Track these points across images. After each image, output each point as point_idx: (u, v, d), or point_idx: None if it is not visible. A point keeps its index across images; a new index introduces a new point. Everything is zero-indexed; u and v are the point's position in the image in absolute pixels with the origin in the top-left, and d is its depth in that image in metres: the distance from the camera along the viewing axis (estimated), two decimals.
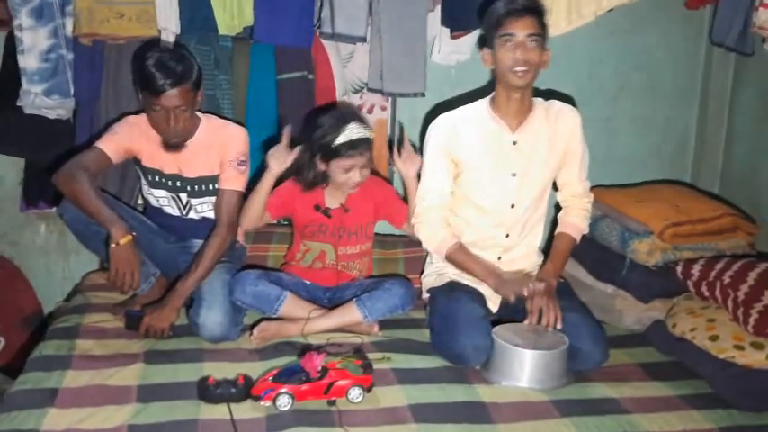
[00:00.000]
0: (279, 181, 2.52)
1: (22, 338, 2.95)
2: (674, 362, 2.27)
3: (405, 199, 2.60)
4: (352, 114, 2.50)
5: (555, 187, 2.48)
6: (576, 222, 2.45)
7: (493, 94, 2.35)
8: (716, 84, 3.21)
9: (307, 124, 2.61)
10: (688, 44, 3.25)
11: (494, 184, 2.35)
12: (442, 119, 2.39)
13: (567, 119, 2.38)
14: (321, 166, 2.45)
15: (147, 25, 2.67)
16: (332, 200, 2.54)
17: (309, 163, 2.46)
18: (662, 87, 3.29)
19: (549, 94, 2.42)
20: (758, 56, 2.71)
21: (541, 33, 2.21)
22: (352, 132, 2.39)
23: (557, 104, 2.39)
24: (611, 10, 2.81)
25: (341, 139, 2.38)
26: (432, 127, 2.40)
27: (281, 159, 2.44)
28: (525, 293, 2.23)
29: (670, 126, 3.34)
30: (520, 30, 2.18)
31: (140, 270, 2.32)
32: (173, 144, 2.41)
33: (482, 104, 2.37)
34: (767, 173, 2.90)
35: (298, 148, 2.44)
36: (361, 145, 2.41)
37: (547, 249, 2.48)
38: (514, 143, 2.32)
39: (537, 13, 2.21)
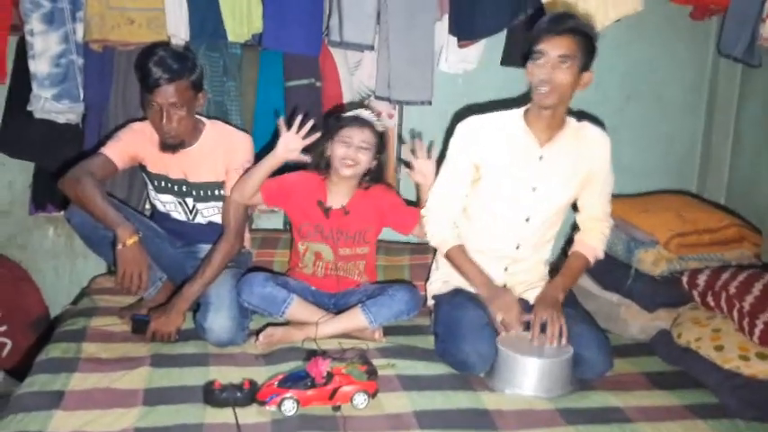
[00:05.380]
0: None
1: (29, 341, 2.96)
2: (679, 371, 2.27)
3: (413, 203, 2.60)
4: (372, 109, 2.56)
5: (574, 207, 2.47)
6: (594, 245, 2.42)
7: (528, 105, 2.33)
8: (722, 95, 3.21)
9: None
10: (694, 55, 3.26)
11: (512, 196, 2.34)
12: (473, 120, 2.37)
13: (596, 143, 2.36)
14: (327, 149, 2.46)
15: (156, 31, 2.69)
16: (334, 199, 2.53)
17: (319, 144, 2.47)
18: (668, 98, 3.30)
19: (581, 116, 2.40)
20: (765, 67, 2.72)
21: (577, 55, 2.16)
22: (362, 113, 2.46)
23: (588, 127, 2.37)
24: (618, 21, 2.82)
25: (350, 114, 2.46)
26: (460, 126, 2.38)
27: (289, 145, 2.38)
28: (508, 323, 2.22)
29: (676, 136, 3.34)
30: (552, 49, 2.15)
31: (148, 270, 2.33)
32: (169, 144, 2.41)
33: (516, 114, 2.34)
34: None
35: (309, 139, 2.39)
36: (367, 124, 2.44)
37: (556, 267, 2.48)
38: (540, 158, 2.31)
39: (577, 34, 2.16)
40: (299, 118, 2.38)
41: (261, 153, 2.59)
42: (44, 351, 2.25)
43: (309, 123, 2.37)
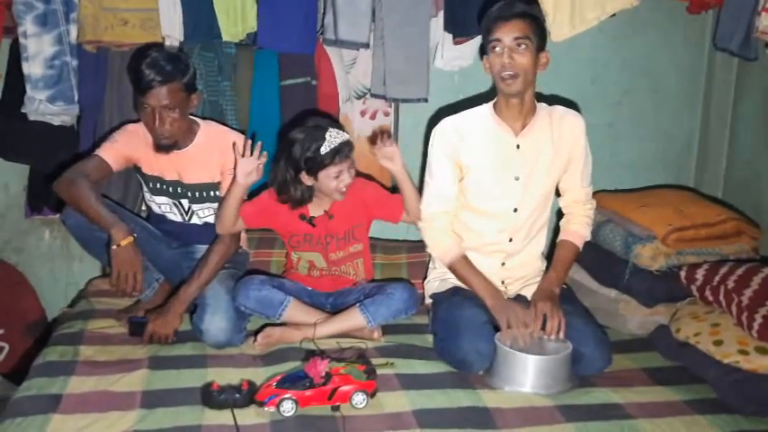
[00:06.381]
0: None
1: (26, 344, 2.96)
2: (678, 367, 2.26)
3: (394, 189, 2.57)
4: (326, 122, 2.44)
5: (557, 193, 2.48)
6: (578, 230, 2.44)
7: (495, 99, 2.36)
8: (719, 88, 3.21)
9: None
10: (690, 49, 3.26)
11: (497, 188, 2.35)
12: (446, 122, 2.39)
13: (571, 124, 2.37)
14: (308, 181, 2.40)
15: (150, 32, 2.68)
16: (315, 208, 2.51)
17: (294, 180, 2.40)
18: (665, 92, 3.29)
19: (552, 100, 2.42)
20: (761, 60, 2.71)
21: (530, 37, 2.18)
22: (333, 138, 2.34)
23: (561, 110, 2.39)
24: (614, 15, 2.82)
25: (325, 148, 2.33)
26: (435, 131, 2.39)
27: (246, 169, 2.33)
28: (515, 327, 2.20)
29: (673, 130, 3.34)
30: (506, 34, 2.18)
31: (143, 271, 2.32)
32: (163, 145, 2.40)
33: (485, 108, 2.37)
34: None
35: (262, 158, 2.34)
36: (345, 148, 2.38)
37: (549, 256, 2.48)
38: (518, 147, 2.32)
39: (526, 16, 2.20)
40: (248, 142, 2.34)
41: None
42: (41, 354, 2.24)
43: (259, 144, 2.33)
